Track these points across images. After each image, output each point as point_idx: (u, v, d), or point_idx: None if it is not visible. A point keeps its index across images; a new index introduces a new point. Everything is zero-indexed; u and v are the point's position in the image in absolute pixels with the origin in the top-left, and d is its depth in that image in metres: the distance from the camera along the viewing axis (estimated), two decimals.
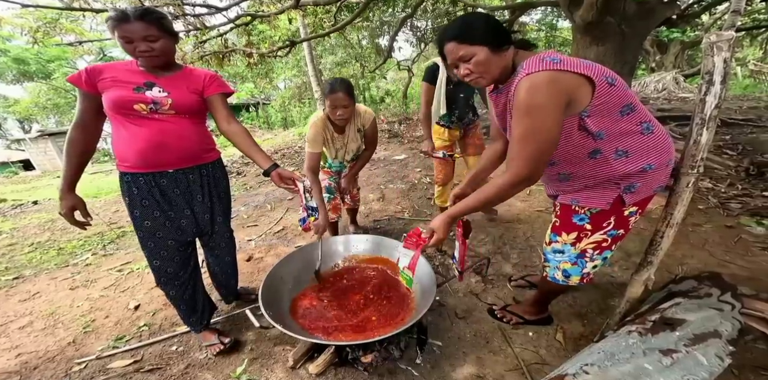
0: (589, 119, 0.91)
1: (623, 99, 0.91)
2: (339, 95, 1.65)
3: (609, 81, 0.89)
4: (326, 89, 1.70)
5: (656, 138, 0.97)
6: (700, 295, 1.22)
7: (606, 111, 0.91)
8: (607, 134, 0.94)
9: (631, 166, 0.96)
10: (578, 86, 0.87)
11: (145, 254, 1.36)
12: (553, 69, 0.85)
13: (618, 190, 1.00)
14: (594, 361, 0.90)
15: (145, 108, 1.17)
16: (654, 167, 0.97)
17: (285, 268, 1.60)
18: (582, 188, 1.08)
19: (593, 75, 0.86)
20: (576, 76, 0.86)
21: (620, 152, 0.96)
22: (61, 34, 6.28)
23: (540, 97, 0.85)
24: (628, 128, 0.94)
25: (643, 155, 0.96)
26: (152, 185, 1.27)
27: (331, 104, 1.69)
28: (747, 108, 5.80)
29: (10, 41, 13.77)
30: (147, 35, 1.12)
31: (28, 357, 1.61)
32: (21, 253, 3.05)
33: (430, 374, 1.31)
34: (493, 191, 0.99)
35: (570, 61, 0.86)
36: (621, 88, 0.91)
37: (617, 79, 0.91)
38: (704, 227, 2.21)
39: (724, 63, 0.82)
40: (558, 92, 0.85)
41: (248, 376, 1.37)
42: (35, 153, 14.24)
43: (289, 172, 1.33)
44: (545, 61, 0.86)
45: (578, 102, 0.89)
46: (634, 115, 0.94)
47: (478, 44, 0.91)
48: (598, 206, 1.04)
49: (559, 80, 0.85)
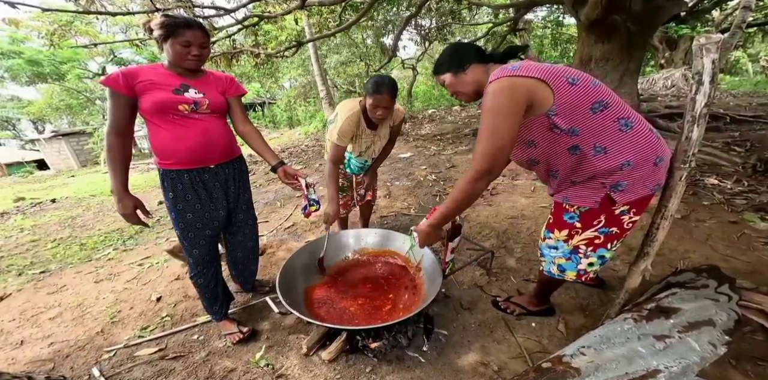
0: (556, 117, 0.98)
1: (591, 97, 0.97)
2: (385, 96, 1.60)
3: (570, 81, 0.96)
4: (371, 87, 1.62)
5: (635, 135, 0.99)
6: (697, 286, 1.27)
7: (573, 109, 0.97)
8: (581, 131, 0.99)
9: (610, 162, 1.00)
10: (535, 89, 0.95)
11: (185, 245, 1.46)
12: (510, 75, 0.96)
13: (605, 189, 1.04)
14: (590, 344, 0.97)
15: (187, 108, 1.27)
16: (633, 164, 0.99)
17: (298, 260, 1.68)
18: (570, 185, 1.13)
19: (548, 78, 0.94)
20: (532, 79, 0.95)
21: (598, 148, 1.00)
22: (76, 36, 6.46)
23: (497, 99, 0.96)
24: (603, 124, 0.98)
25: (622, 151, 0.99)
26: (196, 181, 1.37)
27: (374, 104, 1.63)
28: (757, 105, 5.74)
29: (25, 43, 14.10)
30: (202, 42, 1.26)
31: (60, 345, 1.71)
32: (45, 248, 3.19)
33: (436, 361, 1.38)
34: (458, 189, 1.08)
35: (528, 67, 0.96)
36: (585, 86, 0.97)
37: (581, 78, 0.98)
38: (708, 223, 2.24)
39: (712, 64, 0.88)
40: (513, 95, 0.95)
41: (266, 361, 1.45)
42: (49, 153, 14.58)
43: (293, 169, 1.48)
44: (506, 69, 0.98)
45: (540, 102, 0.97)
46: (608, 111, 0.98)
47: (443, 73, 1.17)
48: (587, 205, 1.09)
49: (515, 84, 0.95)
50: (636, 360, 0.90)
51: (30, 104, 19.42)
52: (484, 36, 9.11)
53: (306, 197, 1.56)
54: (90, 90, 15.81)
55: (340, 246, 1.89)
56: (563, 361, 0.93)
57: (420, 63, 10.82)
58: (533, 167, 1.23)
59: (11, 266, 2.79)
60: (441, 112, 8.63)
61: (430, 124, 7.44)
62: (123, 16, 5.80)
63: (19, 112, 21.69)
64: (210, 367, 1.46)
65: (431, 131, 6.68)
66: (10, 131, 26.05)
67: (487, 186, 1.07)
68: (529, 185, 3.26)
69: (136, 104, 1.25)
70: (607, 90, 1.00)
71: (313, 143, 7.72)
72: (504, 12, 8.32)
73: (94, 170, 11.11)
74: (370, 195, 2.30)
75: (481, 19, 10.21)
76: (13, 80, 15.25)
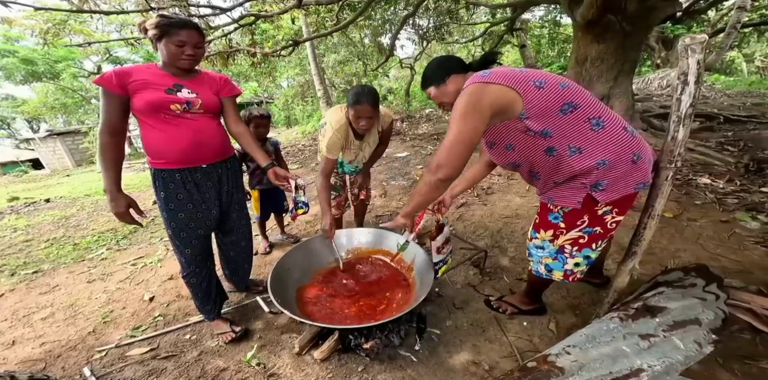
0: (528, 120, 1.01)
1: (560, 99, 0.99)
2: (365, 106, 1.59)
3: (537, 85, 0.99)
4: (351, 99, 1.61)
5: (608, 134, 1.00)
6: (685, 285, 1.28)
7: (543, 112, 1.00)
8: (553, 132, 1.01)
9: (586, 162, 1.01)
10: (503, 94, 0.99)
11: (176, 245, 1.46)
12: (479, 82, 1.01)
13: (585, 189, 1.06)
14: (576, 343, 0.98)
15: (179, 108, 1.27)
16: (608, 163, 1.00)
17: (291, 260, 1.68)
18: (553, 186, 1.15)
19: (514, 83, 0.98)
20: (499, 86, 0.99)
21: (573, 148, 1.02)
22: (70, 35, 6.41)
23: (461, 103, 1.01)
24: (574, 125, 1.00)
25: (596, 151, 1.01)
26: (188, 180, 1.37)
27: (356, 115, 1.63)
28: (751, 105, 5.77)
29: (19, 42, 13.97)
30: (197, 42, 1.27)
31: (52, 345, 1.71)
32: (38, 248, 3.17)
33: (428, 360, 1.39)
34: (422, 182, 1.15)
35: (497, 74, 1.00)
36: (553, 89, 0.99)
37: (548, 81, 1.00)
38: (699, 222, 2.26)
39: (697, 64, 0.88)
40: (479, 99, 0.99)
41: (258, 360, 1.45)
42: (44, 152, 14.46)
43: (284, 171, 1.48)
44: (477, 76, 1.03)
45: (510, 107, 1.01)
46: (578, 112, 1.00)
47: (428, 86, 1.25)
48: (569, 205, 1.11)
49: (482, 90, 1.00)
50: (620, 359, 0.91)
51: (25, 102, 19.22)
52: (482, 36, 9.12)
53: (294, 201, 1.56)
54: (85, 89, 15.67)
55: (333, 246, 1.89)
56: (548, 360, 0.93)
57: (418, 63, 10.79)
58: (516, 169, 1.25)
59: (4, 266, 2.77)
60: (438, 112, 8.63)
61: (427, 123, 7.45)
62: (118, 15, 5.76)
63: (13, 111, 21.47)
64: (202, 367, 1.46)
65: (428, 131, 6.69)
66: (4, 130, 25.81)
67: (446, 180, 1.10)
68: (524, 185, 3.27)
69: (129, 104, 1.25)
70: (578, 91, 1.02)
71: (310, 143, 7.71)
72: (501, 12, 8.32)
73: (90, 170, 11.04)
74: (364, 194, 2.31)
75: (479, 19, 10.22)
76: (7, 79, 15.10)
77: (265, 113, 2.05)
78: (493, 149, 1.23)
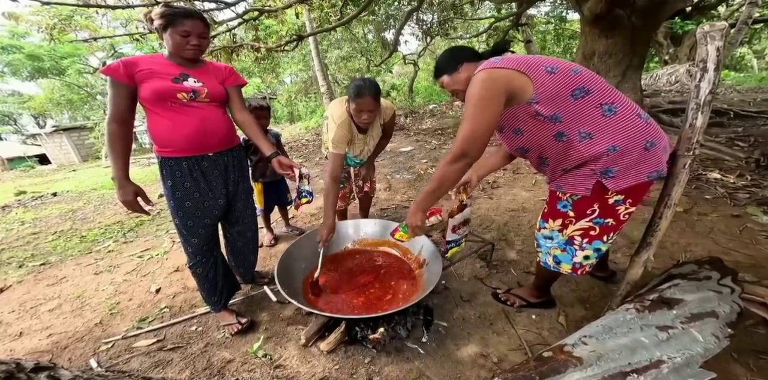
0: (538, 105, 1.00)
1: (572, 84, 0.98)
2: (367, 99, 1.56)
3: (548, 70, 0.98)
4: (352, 92, 1.58)
5: (620, 120, 0.99)
6: (700, 278, 1.25)
7: (554, 96, 0.99)
8: (564, 117, 1.00)
9: (596, 147, 1.00)
10: (514, 79, 0.99)
11: (183, 234, 1.45)
12: (490, 67, 1.01)
13: (595, 176, 1.04)
14: (592, 334, 0.96)
15: (186, 97, 1.27)
16: (619, 149, 0.98)
17: (297, 251, 1.68)
18: (563, 172, 1.13)
19: (525, 68, 0.98)
20: (510, 71, 0.99)
21: (584, 134, 1.00)
22: (76, 30, 6.42)
23: (476, 89, 1.01)
24: (585, 110, 0.99)
25: (607, 136, 0.99)
26: (195, 168, 1.36)
27: (357, 108, 1.59)
28: (761, 100, 5.68)
29: (25, 38, 14.05)
30: (202, 32, 1.27)
31: (59, 337, 1.71)
32: (45, 241, 3.20)
33: (435, 352, 1.37)
34: (437, 171, 1.14)
35: (509, 60, 1.00)
36: (565, 74, 0.98)
37: (560, 67, 1.00)
38: (710, 217, 2.23)
39: (717, 51, 0.86)
40: (492, 85, 1.00)
41: (264, 352, 1.45)
42: (51, 148, 14.58)
43: (288, 159, 1.48)
44: (489, 62, 1.04)
45: (521, 91, 1.01)
46: (590, 97, 0.98)
47: (441, 75, 1.23)
48: (578, 193, 1.08)
49: (493, 75, 1.00)
50: (639, 351, 0.89)
51: (31, 99, 19.40)
52: (486, 31, 9.03)
53: (298, 190, 1.54)
54: (91, 85, 15.76)
55: (339, 236, 1.88)
56: (565, 350, 0.91)
57: (421, 58, 10.74)
58: (525, 155, 1.24)
59: (12, 259, 2.79)
60: (442, 107, 8.61)
61: (431, 119, 7.42)
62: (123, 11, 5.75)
63: (20, 107, 21.68)
64: (208, 358, 1.46)
65: (432, 126, 6.66)
66: (11, 126, 26.08)
67: (464, 168, 1.10)
68: (530, 179, 3.24)
69: (136, 93, 1.25)
70: (591, 77, 1.01)
71: (314, 138, 7.71)
72: (506, 7, 8.22)
73: (96, 165, 11.10)
74: (368, 187, 2.30)
75: (484, 14, 10.14)
76: (13, 75, 15.23)
77: (264, 104, 2.03)
78: (502, 133, 1.22)
